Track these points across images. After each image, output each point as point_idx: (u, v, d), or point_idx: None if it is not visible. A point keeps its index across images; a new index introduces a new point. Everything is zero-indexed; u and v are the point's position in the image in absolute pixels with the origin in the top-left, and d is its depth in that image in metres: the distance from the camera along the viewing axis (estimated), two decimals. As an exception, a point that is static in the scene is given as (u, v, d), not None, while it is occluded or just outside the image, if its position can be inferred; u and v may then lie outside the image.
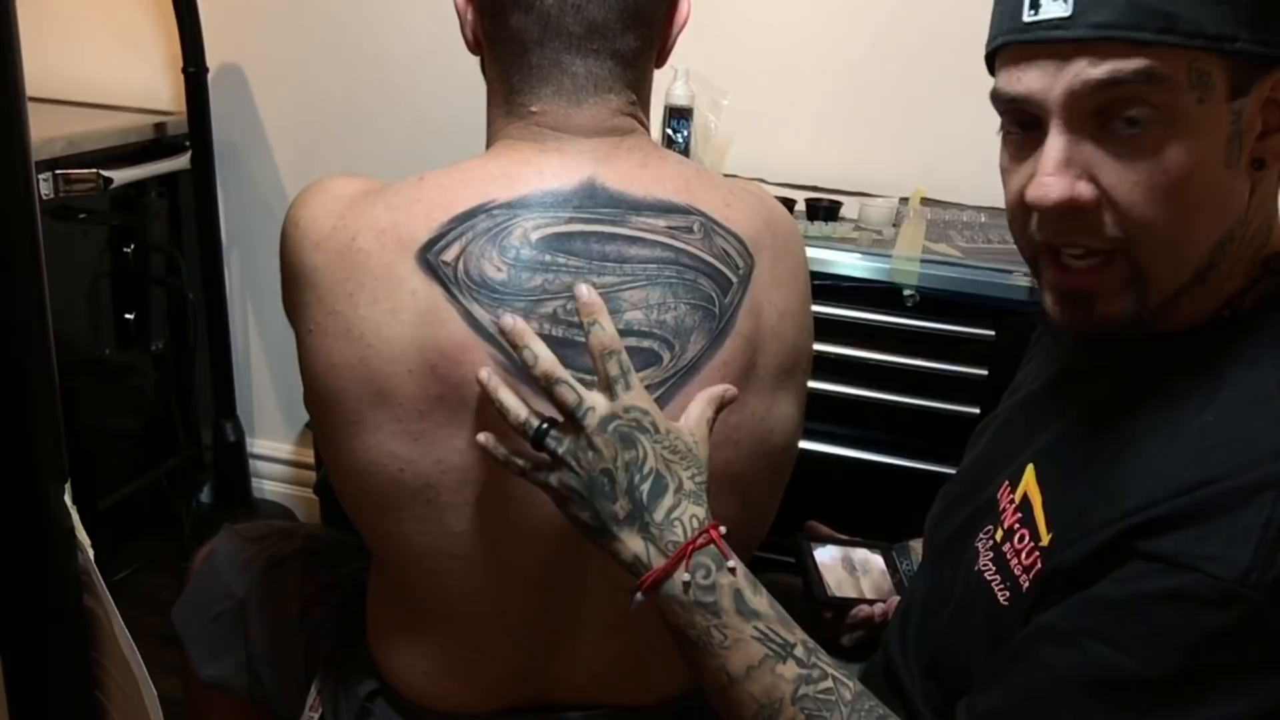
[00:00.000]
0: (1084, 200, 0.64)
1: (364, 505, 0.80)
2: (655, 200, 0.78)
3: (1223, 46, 0.61)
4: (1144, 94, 0.61)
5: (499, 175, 0.77)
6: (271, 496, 2.25)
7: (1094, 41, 0.62)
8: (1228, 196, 0.65)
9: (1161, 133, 0.62)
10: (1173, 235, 0.64)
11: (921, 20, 1.66)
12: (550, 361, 0.69)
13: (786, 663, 0.66)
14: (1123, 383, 0.72)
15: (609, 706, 0.88)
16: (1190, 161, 0.62)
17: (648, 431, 0.68)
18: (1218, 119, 0.62)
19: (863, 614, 1.03)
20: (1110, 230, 0.65)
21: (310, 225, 0.78)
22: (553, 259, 0.75)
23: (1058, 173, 0.64)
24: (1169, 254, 0.65)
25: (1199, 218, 0.64)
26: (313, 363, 0.78)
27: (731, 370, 0.78)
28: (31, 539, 0.80)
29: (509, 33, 0.77)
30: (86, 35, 2.05)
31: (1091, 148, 0.64)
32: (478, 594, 0.81)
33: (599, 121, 0.78)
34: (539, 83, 0.78)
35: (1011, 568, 0.72)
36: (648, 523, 0.67)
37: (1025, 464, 0.76)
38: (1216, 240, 0.66)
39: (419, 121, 1.93)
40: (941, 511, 0.90)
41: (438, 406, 0.74)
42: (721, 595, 0.66)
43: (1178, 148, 0.62)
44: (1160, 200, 0.63)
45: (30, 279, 0.75)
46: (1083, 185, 0.64)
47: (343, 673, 0.95)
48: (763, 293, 0.81)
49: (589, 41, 0.76)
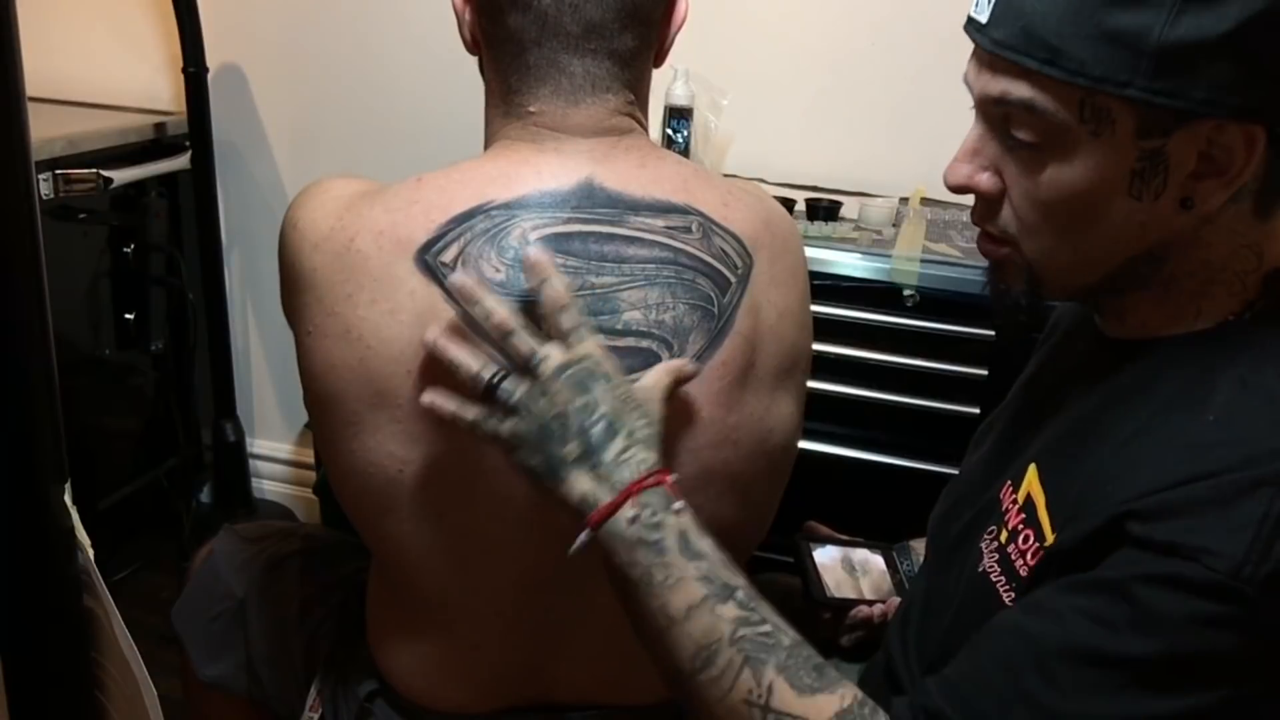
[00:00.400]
0: (982, 190, 0.69)
1: (364, 506, 0.80)
2: (653, 200, 0.78)
3: (1107, 89, 0.61)
4: (1025, 119, 0.65)
5: (497, 176, 0.77)
6: (271, 496, 2.25)
7: (991, 55, 0.66)
8: (1132, 224, 0.66)
9: (1045, 155, 0.65)
10: (1054, 245, 0.68)
11: (921, 20, 1.66)
12: (504, 314, 0.70)
13: (727, 604, 0.65)
14: (1123, 380, 0.72)
15: (609, 706, 0.88)
16: (1073, 186, 0.65)
17: (600, 379, 0.69)
18: (1118, 153, 0.63)
19: (862, 614, 1.03)
20: (1004, 221, 0.70)
21: (309, 227, 0.78)
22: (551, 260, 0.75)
23: (962, 159, 0.70)
24: (1053, 259, 0.69)
25: (1085, 238, 0.67)
26: (312, 364, 0.78)
27: (730, 370, 0.78)
28: (31, 539, 0.80)
29: (506, 32, 0.77)
30: (86, 35, 2.05)
31: (999, 148, 0.68)
32: (477, 594, 0.81)
33: (597, 121, 0.78)
34: (537, 83, 0.78)
35: (1016, 568, 0.72)
36: (597, 463, 0.68)
37: (1027, 463, 0.77)
38: (1123, 259, 0.68)
39: (419, 121, 1.93)
40: (945, 512, 0.90)
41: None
42: (666, 534, 0.66)
43: (1060, 171, 0.65)
44: (1041, 210, 0.67)
45: (30, 279, 0.75)
46: (984, 176, 0.69)
47: (342, 673, 0.95)
48: (761, 292, 0.81)
49: (586, 41, 0.76)
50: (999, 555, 0.75)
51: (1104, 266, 0.69)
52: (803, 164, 1.76)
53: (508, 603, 0.81)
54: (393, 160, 1.95)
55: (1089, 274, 0.70)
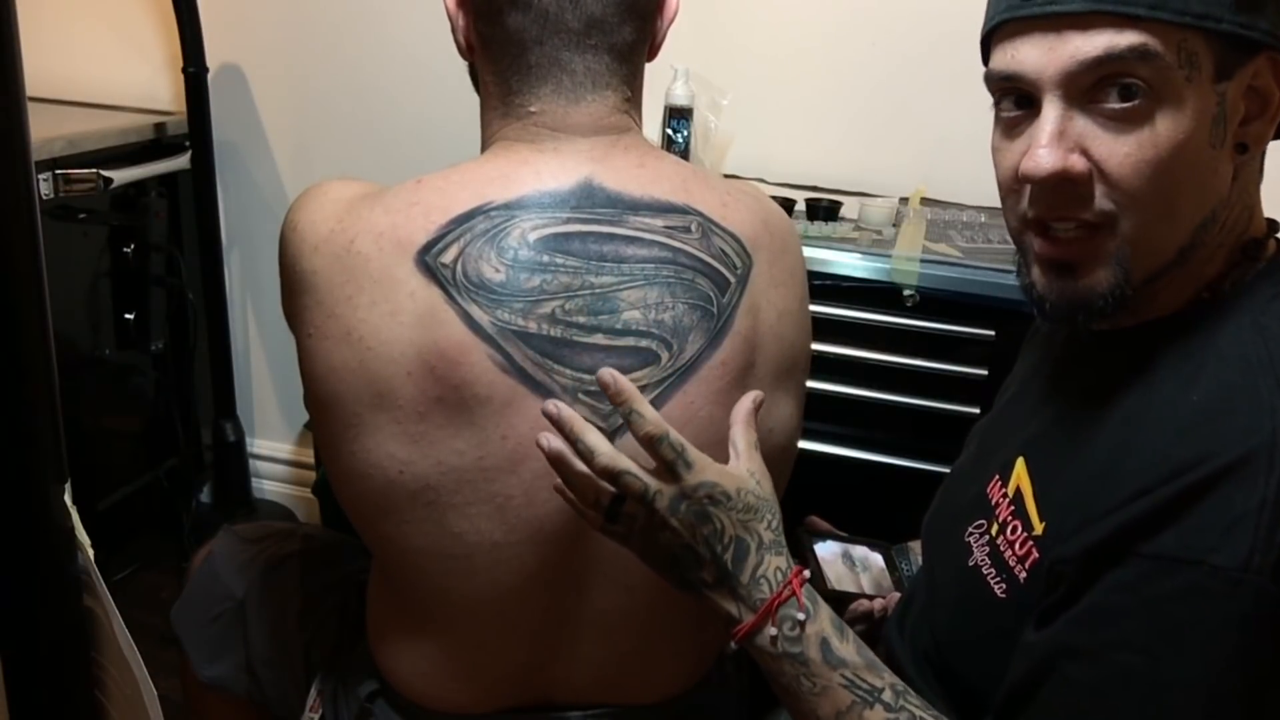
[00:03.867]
0: (1075, 172, 0.65)
1: (364, 508, 0.80)
2: (653, 200, 0.78)
3: (1208, 25, 0.63)
4: (1136, 69, 0.63)
5: (496, 177, 0.77)
6: (271, 496, 2.25)
7: (1088, 15, 0.63)
8: (1212, 177, 0.66)
9: (1151, 106, 0.64)
10: (1159, 210, 0.66)
11: (922, 20, 1.66)
12: (609, 454, 0.68)
13: (874, 708, 0.67)
14: (1106, 368, 0.72)
15: (610, 706, 0.88)
16: (1178, 136, 0.64)
17: (719, 503, 0.69)
18: (1204, 99, 0.64)
19: (862, 608, 1.03)
20: (1100, 203, 0.66)
21: (308, 229, 0.78)
22: (550, 259, 0.75)
23: (1051, 145, 0.65)
24: (1154, 229, 0.66)
25: (1184, 195, 0.66)
26: (313, 366, 0.78)
27: (730, 370, 0.78)
28: (31, 539, 0.80)
29: (506, 33, 0.77)
30: (86, 35, 2.05)
31: (1084, 121, 0.65)
32: (478, 595, 0.81)
33: (596, 120, 0.78)
34: (538, 82, 0.78)
35: (1006, 560, 0.73)
36: (734, 586, 0.69)
37: (1015, 457, 0.77)
38: (1200, 220, 0.67)
39: (419, 121, 1.93)
40: (936, 510, 0.91)
41: (436, 408, 0.74)
42: (808, 646, 0.69)
43: (1167, 122, 0.64)
44: (1149, 173, 0.64)
45: (30, 279, 0.75)
46: (1075, 157, 0.65)
47: (343, 673, 0.95)
48: (761, 292, 0.81)
49: (588, 37, 0.76)
50: (989, 549, 0.76)
51: (1186, 234, 0.67)
52: (803, 164, 1.76)
53: (508, 603, 0.81)
54: (393, 160, 1.95)
55: (1174, 246, 0.67)
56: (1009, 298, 1.39)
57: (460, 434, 0.75)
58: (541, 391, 0.74)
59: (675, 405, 0.76)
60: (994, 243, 1.52)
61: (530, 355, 0.74)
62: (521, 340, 0.74)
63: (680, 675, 0.90)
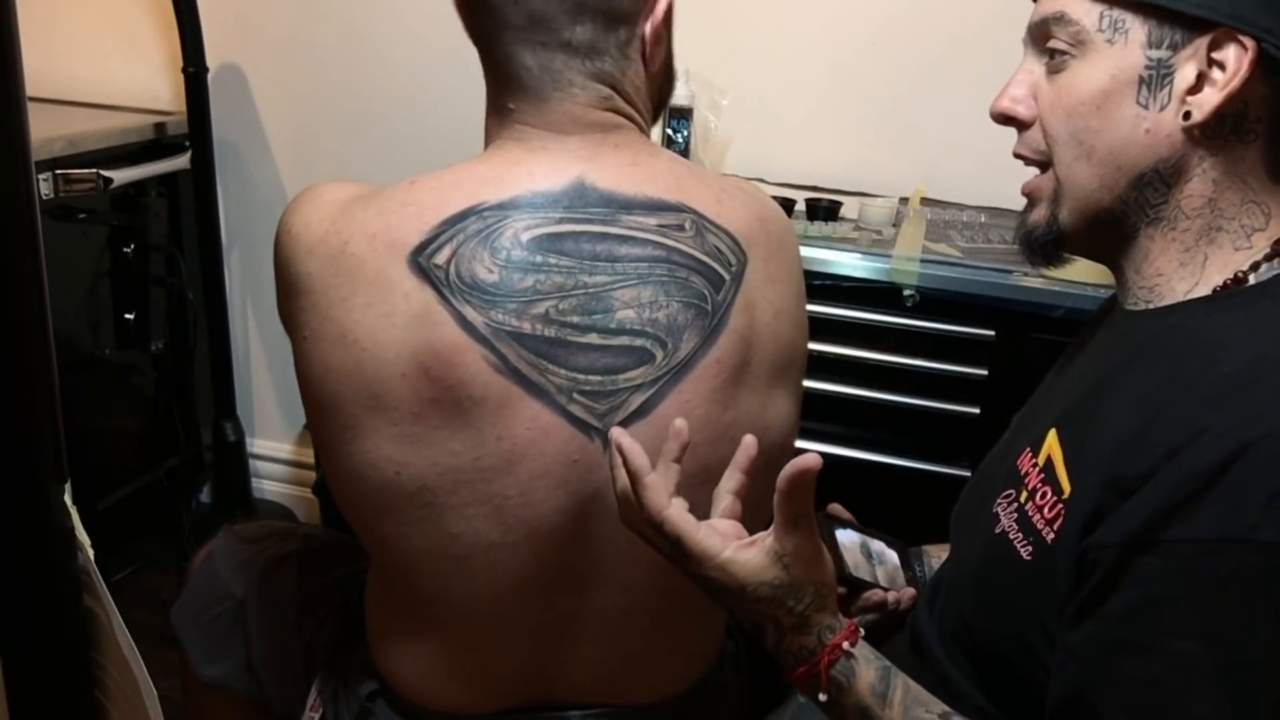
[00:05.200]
0: (1015, 114, 0.77)
1: (362, 509, 0.80)
2: (646, 198, 0.78)
3: (1130, 2, 0.71)
4: (1057, 31, 0.74)
5: (490, 178, 0.77)
6: (271, 496, 2.24)
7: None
8: (1138, 133, 0.72)
9: (1070, 62, 0.74)
10: (1074, 151, 0.74)
11: (922, 20, 1.66)
12: (652, 507, 0.68)
13: None
14: (1136, 347, 0.73)
15: (610, 706, 0.88)
16: (1091, 87, 0.73)
17: (720, 594, 0.70)
18: (1128, 59, 0.71)
19: (876, 598, 1.03)
20: (1035, 142, 0.77)
21: (303, 231, 0.78)
22: (544, 259, 0.75)
23: (1010, 87, 0.78)
24: (1075, 168, 0.75)
25: (1099, 140, 0.73)
26: (309, 368, 0.78)
27: (726, 368, 0.78)
28: (31, 539, 0.80)
29: (477, 31, 0.79)
30: (86, 35, 2.05)
31: (1040, 69, 0.77)
32: (477, 595, 0.81)
33: (574, 117, 0.78)
34: (506, 79, 0.79)
35: (1034, 523, 0.73)
36: (777, 650, 0.72)
37: (1047, 429, 0.77)
38: (1135, 173, 0.73)
39: (419, 121, 1.93)
40: (966, 494, 0.92)
41: (432, 409, 0.74)
42: (846, 714, 0.71)
43: (1080, 74, 0.73)
44: (1063, 115, 0.75)
45: (30, 279, 0.75)
46: (1020, 105, 0.77)
47: (343, 673, 0.95)
48: (756, 290, 0.81)
49: (533, 33, 0.76)
50: (1017, 515, 0.76)
51: (1118, 181, 0.74)
52: (803, 164, 1.76)
53: (506, 603, 0.81)
54: (393, 160, 1.95)
55: (1103, 193, 0.74)
56: (1009, 298, 1.39)
57: (456, 435, 0.74)
58: (536, 392, 0.74)
59: (671, 404, 0.76)
60: (994, 243, 1.52)
61: (525, 355, 0.74)
62: (516, 341, 0.74)
63: (680, 674, 0.90)
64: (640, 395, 0.77)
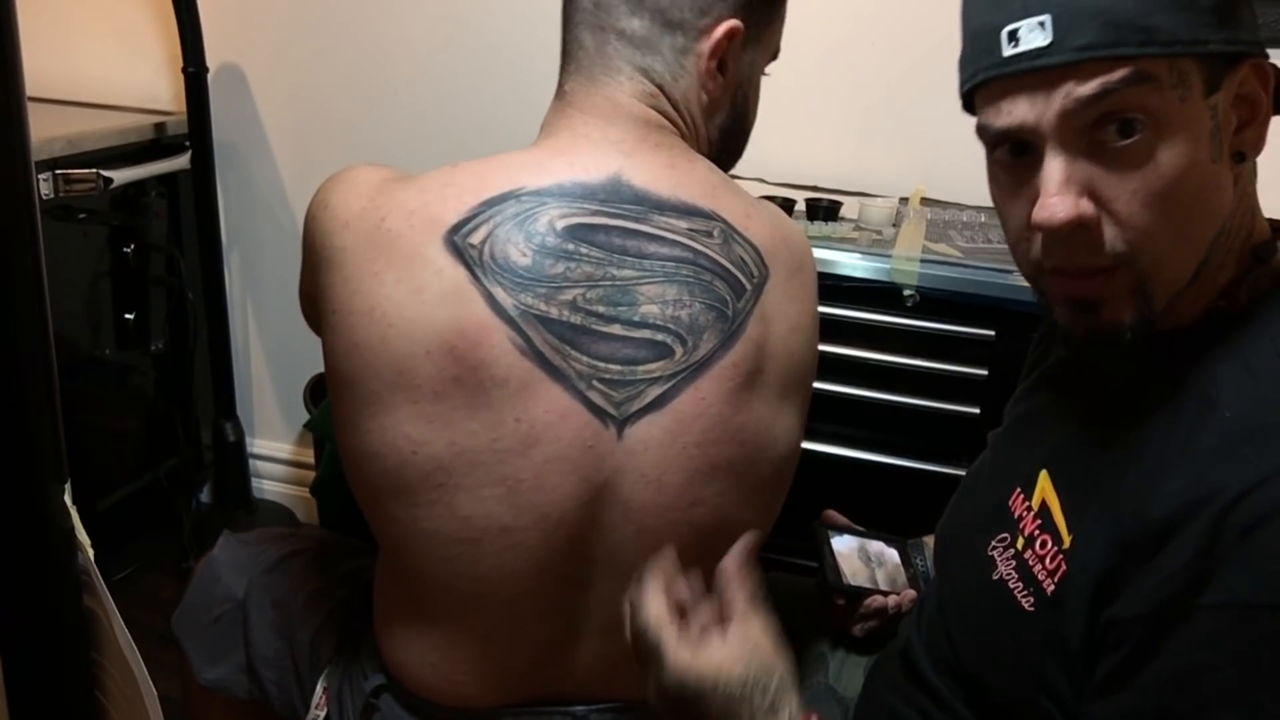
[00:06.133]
0: (1087, 217, 0.64)
1: (375, 488, 0.80)
2: (679, 202, 0.80)
3: (1197, 50, 0.63)
4: (1133, 98, 0.63)
5: (531, 164, 0.79)
6: (271, 496, 2.24)
7: (1079, 63, 0.63)
8: (1217, 191, 0.66)
9: (1153, 137, 0.63)
10: (1173, 239, 0.65)
11: (922, 20, 1.66)
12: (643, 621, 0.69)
13: None
14: (1127, 382, 0.72)
15: (618, 701, 0.88)
16: (1183, 162, 0.63)
17: (701, 697, 0.68)
18: (1199, 116, 0.64)
19: (876, 604, 1.03)
20: (1112, 245, 0.65)
21: (340, 206, 0.80)
22: (575, 248, 0.76)
23: (1061, 193, 0.64)
24: (1170, 259, 0.66)
25: (1195, 218, 0.66)
26: (335, 342, 0.79)
27: (740, 372, 0.80)
28: (31, 539, 0.80)
29: (562, 19, 0.86)
30: (86, 35, 2.05)
31: (1088, 165, 0.65)
32: (487, 581, 0.81)
33: (618, 104, 0.82)
34: (566, 59, 0.85)
35: (1035, 573, 0.72)
36: None
37: (1038, 470, 0.76)
38: (1212, 236, 0.67)
39: (419, 122, 1.93)
40: (951, 519, 0.91)
41: (454, 388, 0.75)
42: None
43: (1170, 150, 0.63)
44: (1159, 205, 0.64)
45: (30, 279, 0.75)
46: (1084, 202, 0.64)
47: (348, 669, 0.96)
48: (774, 304, 0.83)
49: (595, 16, 0.82)
50: (1016, 563, 0.75)
51: (1201, 253, 0.67)
52: (803, 164, 1.76)
53: (516, 591, 0.81)
54: (393, 160, 1.92)
55: (1191, 267, 0.67)
56: (1009, 298, 1.39)
57: (475, 415, 0.75)
58: (557, 375, 0.75)
59: (688, 399, 0.77)
60: (994, 243, 1.52)
61: (549, 340, 0.75)
62: (542, 324, 0.75)
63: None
64: (657, 388, 0.78)
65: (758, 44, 0.89)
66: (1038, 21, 0.64)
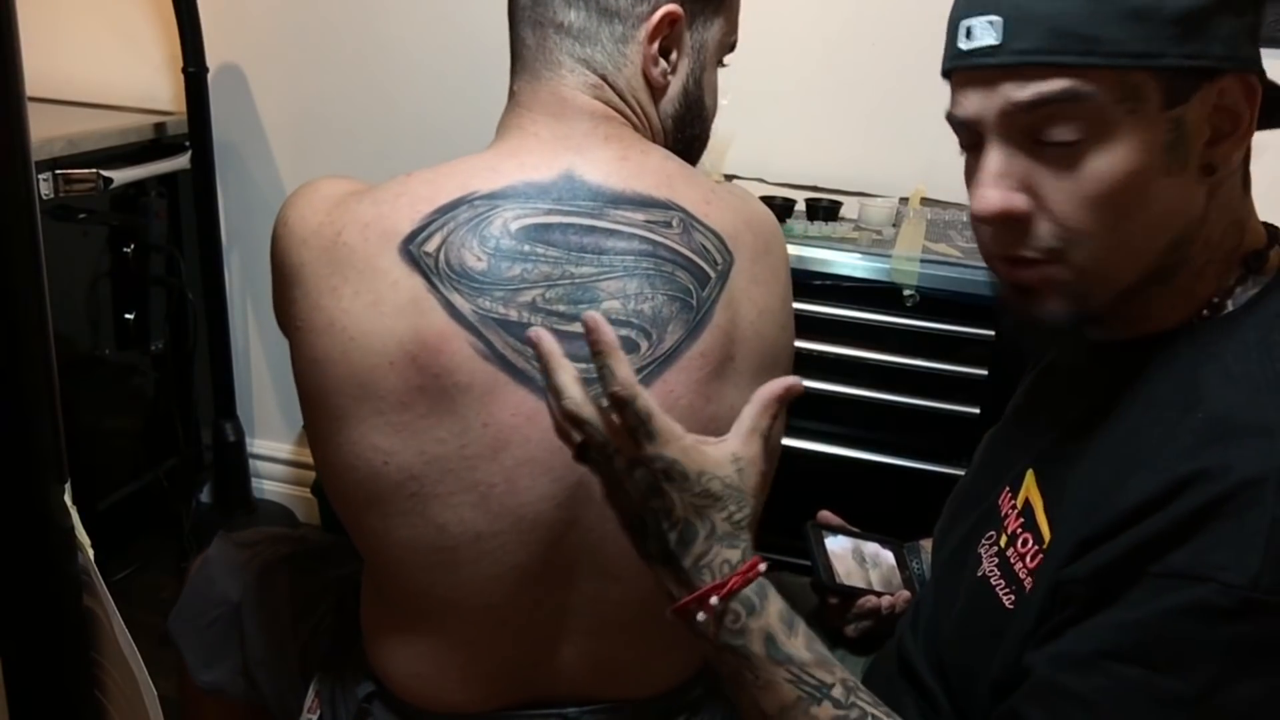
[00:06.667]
0: (1017, 210, 0.67)
1: (351, 501, 0.80)
2: (634, 194, 0.79)
3: (1147, 63, 0.63)
4: (1069, 111, 0.64)
5: (483, 168, 0.79)
6: (271, 496, 2.25)
7: (1019, 66, 0.65)
8: (1172, 202, 0.66)
9: (1090, 146, 0.64)
10: (1106, 242, 0.66)
11: (922, 20, 1.66)
12: (575, 400, 0.63)
13: (822, 705, 0.65)
14: (1110, 382, 0.72)
15: (608, 700, 0.88)
16: (1121, 170, 0.64)
17: (674, 480, 0.64)
18: (1152, 128, 0.64)
19: (870, 604, 1.03)
20: (1045, 240, 0.67)
21: (298, 222, 0.80)
22: (531, 249, 0.76)
23: (993, 185, 0.67)
24: (1105, 260, 0.67)
25: (1133, 224, 0.66)
26: (299, 359, 0.79)
27: (709, 361, 0.79)
28: (31, 539, 0.80)
29: (509, 20, 0.84)
30: (86, 35, 2.05)
31: (1027, 160, 0.67)
32: (465, 588, 0.81)
33: (562, 99, 0.81)
34: (513, 60, 0.84)
35: (1016, 571, 0.73)
36: (677, 567, 0.65)
37: (1025, 470, 0.77)
38: (1164, 244, 0.67)
39: (418, 122, 1.93)
40: (947, 522, 0.91)
41: (419, 397, 0.75)
42: (751, 640, 0.64)
43: (1107, 158, 0.64)
44: (1092, 208, 0.65)
45: (30, 279, 0.75)
46: (1017, 196, 0.67)
47: (340, 673, 0.95)
48: (741, 289, 0.82)
49: (533, 12, 0.82)
50: (998, 560, 0.76)
51: (1146, 259, 0.67)
52: (803, 164, 1.76)
53: (495, 595, 0.81)
54: (393, 160, 1.95)
55: (1133, 271, 0.68)
56: (1009, 298, 1.39)
57: (442, 422, 0.75)
58: (521, 378, 0.75)
59: (655, 392, 0.77)
60: (994, 243, 1.52)
61: (511, 343, 0.75)
62: (502, 328, 0.75)
63: (678, 667, 0.90)
64: None
65: (705, 30, 0.87)
66: (989, 21, 0.66)
